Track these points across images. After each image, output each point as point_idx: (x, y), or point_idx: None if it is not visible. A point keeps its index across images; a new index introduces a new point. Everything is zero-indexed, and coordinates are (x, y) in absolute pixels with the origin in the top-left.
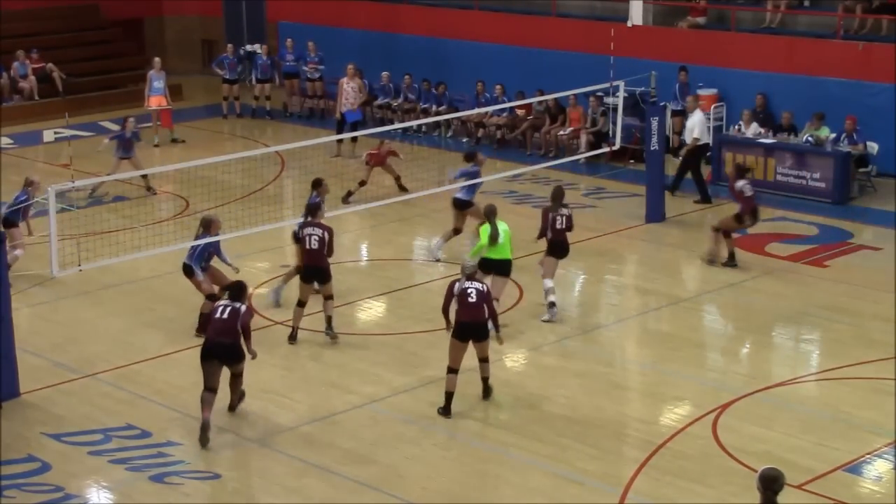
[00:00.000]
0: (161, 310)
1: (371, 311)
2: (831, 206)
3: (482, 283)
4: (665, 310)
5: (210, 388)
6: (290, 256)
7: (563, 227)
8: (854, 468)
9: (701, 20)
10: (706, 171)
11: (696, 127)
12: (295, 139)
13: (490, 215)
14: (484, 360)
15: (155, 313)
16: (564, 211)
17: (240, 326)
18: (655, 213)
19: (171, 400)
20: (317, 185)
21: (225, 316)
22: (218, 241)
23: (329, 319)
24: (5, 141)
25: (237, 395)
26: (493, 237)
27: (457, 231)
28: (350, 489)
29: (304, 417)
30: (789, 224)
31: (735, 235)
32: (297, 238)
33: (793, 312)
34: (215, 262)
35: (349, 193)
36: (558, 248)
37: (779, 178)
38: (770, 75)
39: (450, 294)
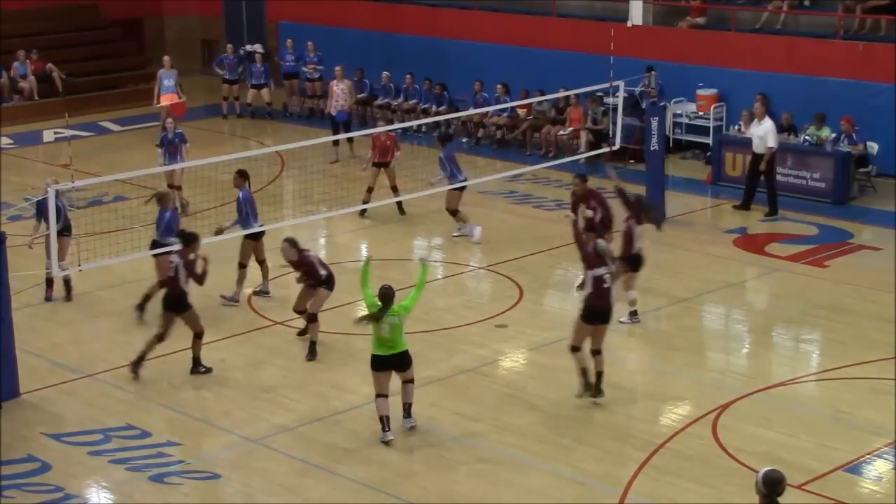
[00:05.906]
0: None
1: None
2: (831, 206)
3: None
4: (665, 310)
5: None
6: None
7: None
8: (854, 468)
9: (701, 20)
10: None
11: (770, 134)
12: (295, 139)
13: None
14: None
15: (155, 313)
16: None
17: None
18: None
19: (171, 400)
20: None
21: None
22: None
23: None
24: (5, 141)
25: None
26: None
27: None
28: (350, 489)
29: (304, 417)
30: (789, 224)
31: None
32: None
33: (793, 312)
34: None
35: (364, 211)
36: None
37: (779, 178)
38: (770, 75)
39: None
